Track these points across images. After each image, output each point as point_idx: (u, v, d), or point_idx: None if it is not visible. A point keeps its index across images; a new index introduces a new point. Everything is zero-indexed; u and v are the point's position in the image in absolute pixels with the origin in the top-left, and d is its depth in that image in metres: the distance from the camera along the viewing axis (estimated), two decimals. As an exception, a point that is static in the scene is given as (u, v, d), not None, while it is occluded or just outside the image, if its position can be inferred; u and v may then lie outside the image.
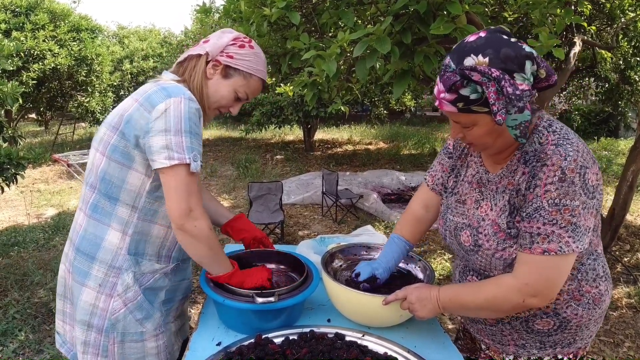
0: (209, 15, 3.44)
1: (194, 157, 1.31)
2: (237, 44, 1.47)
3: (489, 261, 1.32)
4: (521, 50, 1.13)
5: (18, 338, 3.21)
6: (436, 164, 1.59)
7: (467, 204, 1.41)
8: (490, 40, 1.13)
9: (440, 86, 1.17)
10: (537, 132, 1.26)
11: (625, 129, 13.45)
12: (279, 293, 1.43)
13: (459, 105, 1.16)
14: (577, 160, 1.15)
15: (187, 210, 1.31)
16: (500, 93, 1.09)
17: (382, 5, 2.21)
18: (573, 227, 1.15)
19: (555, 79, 1.18)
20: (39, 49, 9.28)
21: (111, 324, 1.42)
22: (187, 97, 1.33)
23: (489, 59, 1.11)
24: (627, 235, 5.43)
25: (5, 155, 3.61)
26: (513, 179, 1.27)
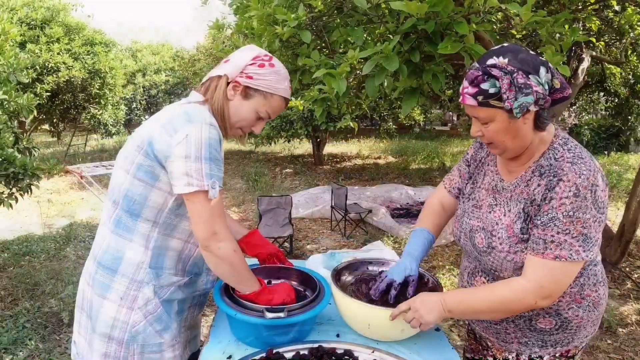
0: (221, 31, 3.50)
1: (212, 184, 1.34)
2: (257, 64, 1.47)
3: (500, 262, 1.40)
4: (537, 59, 1.27)
5: (28, 347, 3.24)
6: (455, 170, 1.71)
7: (482, 209, 1.50)
8: (511, 47, 1.28)
9: (465, 82, 1.30)
10: (552, 148, 1.37)
11: (635, 143, 13.37)
12: (290, 309, 1.45)
13: (479, 98, 1.27)
14: (590, 178, 1.26)
15: (211, 233, 1.36)
16: (512, 84, 1.21)
17: (390, 25, 2.25)
18: (584, 238, 1.26)
19: (570, 92, 1.29)
20: (53, 62, 9.45)
21: (132, 336, 1.45)
22: (208, 124, 1.35)
23: (508, 59, 1.25)
24: (637, 252, 5.38)
25: (20, 165, 3.67)
26: (528, 188, 1.37)
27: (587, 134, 13.21)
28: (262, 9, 2.53)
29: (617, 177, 9.33)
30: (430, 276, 1.67)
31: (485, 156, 1.59)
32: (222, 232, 1.37)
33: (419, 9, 1.87)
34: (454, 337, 3.47)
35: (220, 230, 1.37)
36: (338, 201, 6.24)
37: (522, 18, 1.98)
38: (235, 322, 1.47)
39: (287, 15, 2.36)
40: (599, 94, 9.67)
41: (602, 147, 13.08)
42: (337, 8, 2.73)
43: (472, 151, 1.65)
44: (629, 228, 4.58)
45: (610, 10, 5.06)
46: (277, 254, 1.82)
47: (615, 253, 4.65)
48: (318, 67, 2.41)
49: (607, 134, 13.22)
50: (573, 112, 14.22)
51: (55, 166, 3.92)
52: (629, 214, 4.56)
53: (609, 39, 5.73)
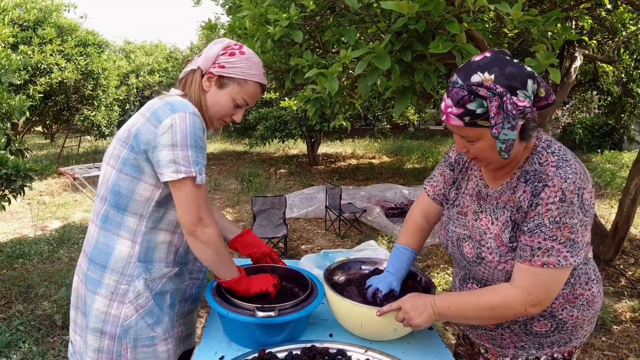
0: (214, 31, 3.50)
1: (200, 170, 1.38)
2: (227, 53, 1.50)
3: (491, 272, 1.38)
4: (524, 69, 1.21)
5: (22, 350, 3.22)
6: (437, 174, 1.64)
7: (467, 216, 1.47)
8: (496, 60, 1.22)
9: (448, 101, 1.23)
10: (536, 152, 1.33)
11: (628, 141, 13.41)
12: (282, 308, 1.45)
13: (465, 119, 1.22)
14: (576, 182, 1.23)
15: (197, 219, 1.39)
16: (500, 108, 1.16)
17: (382, 24, 2.25)
18: (571, 243, 1.23)
19: (554, 98, 1.25)
20: (46, 63, 9.39)
21: (124, 330, 1.46)
22: (191, 112, 1.38)
23: (494, 76, 1.19)
24: (631, 249, 5.41)
25: (12, 167, 3.65)
26: (513, 196, 1.34)
27: (581, 132, 13.26)
28: (255, 9, 2.53)
29: (610, 175, 9.39)
30: (423, 275, 1.67)
31: (468, 160, 1.54)
32: (207, 218, 1.41)
33: (410, 9, 1.86)
34: (448, 336, 3.47)
35: (206, 216, 1.41)
36: (332, 201, 6.24)
37: (513, 17, 1.98)
38: (227, 321, 1.47)
39: (279, 15, 2.36)
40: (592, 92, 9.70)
41: (596, 145, 13.14)
42: (329, 8, 2.73)
43: (454, 154, 1.60)
44: (622, 226, 4.61)
45: (602, 9, 5.08)
46: (270, 253, 1.82)
47: (609, 251, 4.67)
48: (310, 67, 2.40)
49: (600, 133, 13.27)
50: (566, 111, 14.28)
51: (47, 167, 3.91)
52: (622, 211, 4.58)
53: (602, 37, 5.75)
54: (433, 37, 2.06)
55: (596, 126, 13.33)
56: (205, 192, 1.43)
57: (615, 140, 13.27)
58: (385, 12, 2.26)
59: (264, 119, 10.82)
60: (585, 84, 8.14)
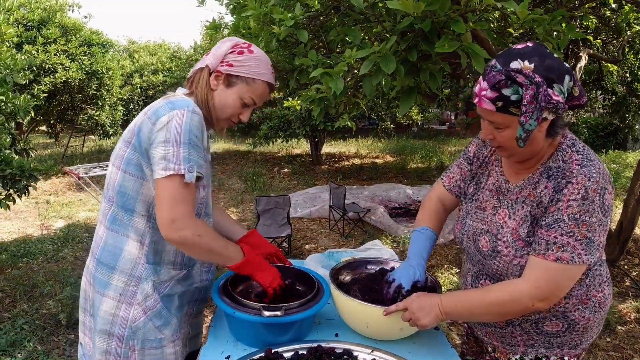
0: (218, 31, 3.50)
1: (190, 167, 1.34)
2: (236, 51, 1.49)
3: (506, 267, 1.37)
4: (563, 64, 1.22)
5: (26, 349, 3.23)
6: (455, 167, 1.65)
7: (486, 211, 1.47)
8: (537, 50, 1.22)
9: (484, 84, 1.23)
10: (560, 150, 1.34)
11: (633, 141, 13.38)
12: (288, 307, 1.45)
13: (498, 104, 1.22)
14: (599, 181, 1.24)
15: (169, 221, 1.33)
16: (534, 98, 1.16)
17: (387, 24, 2.25)
18: (587, 242, 1.24)
19: (585, 100, 1.27)
20: (50, 63, 9.41)
21: (132, 332, 1.45)
22: (191, 110, 1.37)
23: (534, 65, 1.20)
24: (635, 249, 5.39)
25: (17, 166, 3.67)
26: (534, 191, 1.34)
27: (585, 132, 13.20)
28: (259, 8, 2.53)
29: (615, 176, 9.36)
30: (429, 275, 1.67)
31: (489, 155, 1.54)
32: (183, 220, 1.34)
33: (416, 8, 1.86)
34: (453, 337, 3.47)
35: (182, 218, 1.34)
36: (336, 201, 6.24)
37: (518, 16, 1.98)
38: (234, 321, 1.48)
39: (284, 15, 2.36)
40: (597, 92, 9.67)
41: (600, 145, 13.09)
42: (334, 7, 2.73)
43: (473, 149, 1.60)
44: (627, 226, 4.60)
45: (607, 8, 5.06)
46: (277, 253, 1.81)
47: (614, 251, 4.66)
48: (315, 67, 2.40)
49: (604, 132, 13.22)
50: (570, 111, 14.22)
51: (52, 167, 3.92)
52: (627, 212, 4.57)
53: (606, 37, 5.73)
54: (438, 37, 2.06)
55: (600, 126, 13.29)
56: (192, 191, 1.37)
57: (620, 140, 13.22)
58: (390, 12, 2.26)
59: (268, 118, 10.81)
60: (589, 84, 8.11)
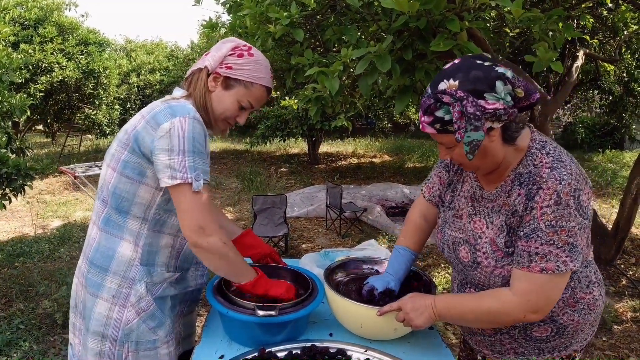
0: (215, 30, 3.49)
1: (197, 176, 1.33)
2: (236, 54, 1.48)
3: (487, 277, 1.36)
4: (491, 71, 1.19)
5: (22, 348, 3.22)
6: (433, 176, 1.63)
7: (463, 219, 1.45)
8: (462, 65, 1.22)
9: (420, 110, 1.26)
10: (530, 154, 1.30)
11: (630, 141, 13.41)
12: (282, 307, 1.44)
13: (436, 126, 1.23)
14: (572, 183, 1.20)
15: (198, 228, 1.34)
16: (462, 113, 1.15)
17: (383, 23, 2.25)
18: (570, 247, 1.21)
19: (537, 97, 1.23)
20: (47, 62, 9.40)
21: (125, 334, 1.44)
22: (192, 117, 1.35)
23: (458, 82, 1.19)
24: (632, 249, 5.40)
25: (13, 166, 3.65)
26: (508, 199, 1.31)
27: (582, 132, 13.25)
28: (255, 7, 2.52)
29: (611, 175, 9.37)
30: (424, 274, 1.67)
31: None
32: (208, 226, 1.36)
33: (411, 7, 1.86)
34: (448, 336, 3.47)
35: (207, 224, 1.36)
36: (333, 200, 6.24)
37: (514, 15, 1.97)
38: (228, 320, 1.47)
39: (280, 14, 2.35)
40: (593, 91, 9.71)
41: (597, 144, 13.13)
42: (330, 6, 2.73)
43: None
44: (623, 225, 4.61)
45: (604, 8, 5.07)
46: (271, 254, 1.81)
47: (610, 250, 4.67)
48: (311, 66, 2.40)
49: (601, 132, 13.26)
50: (568, 110, 14.26)
51: (48, 166, 3.91)
52: (624, 211, 4.58)
53: (603, 36, 5.75)
54: (434, 36, 2.06)
55: (597, 125, 13.33)
56: (207, 198, 1.38)
57: (617, 140, 13.26)
58: (386, 11, 2.26)
59: (265, 118, 10.82)
60: (586, 83, 8.14)
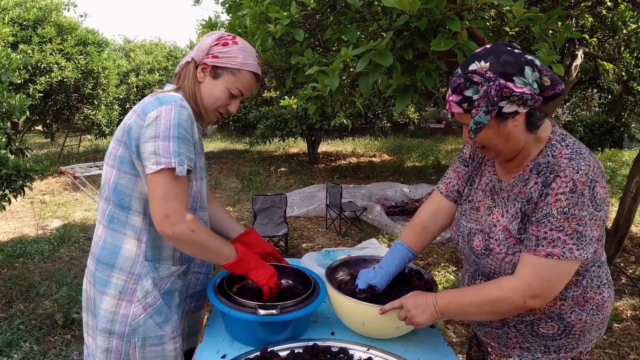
0: (214, 30, 3.50)
1: (180, 161, 1.34)
2: (221, 43, 1.50)
3: (499, 265, 1.36)
4: (521, 57, 1.22)
5: (23, 349, 3.22)
6: (451, 171, 1.63)
7: (480, 211, 1.46)
8: (493, 49, 1.25)
9: (449, 90, 1.27)
10: (550, 145, 1.33)
11: (629, 139, 13.43)
12: (284, 306, 1.44)
13: (464, 105, 1.25)
14: (589, 174, 1.22)
15: (163, 217, 1.34)
16: (487, 93, 1.18)
17: (383, 22, 2.25)
18: (578, 236, 1.21)
19: (562, 87, 1.25)
20: (46, 62, 9.39)
21: (132, 329, 1.45)
22: (179, 105, 1.37)
23: (489, 63, 1.22)
24: (632, 247, 5.41)
25: (13, 167, 3.65)
26: (525, 187, 1.33)
27: (581, 130, 13.27)
28: (255, 7, 2.53)
29: (611, 174, 9.38)
30: (425, 273, 1.67)
31: (483, 156, 1.54)
32: (176, 215, 1.35)
33: (412, 6, 1.86)
34: (449, 334, 3.47)
35: (175, 213, 1.35)
36: (333, 199, 6.24)
37: (514, 15, 1.98)
38: (230, 319, 1.47)
39: (280, 14, 2.35)
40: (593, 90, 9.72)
41: (596, 143, 13.14)
42: (330, 6, 2.73)
43: (468, 151, 1.60)
44: (623, 224, 4.61)
45: (603, 7, 5.08)
46: (274, 253, 1.81)
47: (610, 249, 4.67)
48: (311, 65, 2.40)
49: (600, 131, 13.28)
50: (567, 109, 14.27)
51: (48, 167, 3.90)
52: (623, 209, 4.58)
53: (602, 35, 5.75)
54: (434, 35, 2.06)
55: (597, 124, 13.34)
56: (183, 185, 1.39)
57: (616, 138, 13.28)
58: (386, 10, 2.26)
59: (264, 117, 10.82)
60: (585, 82, 8.14)
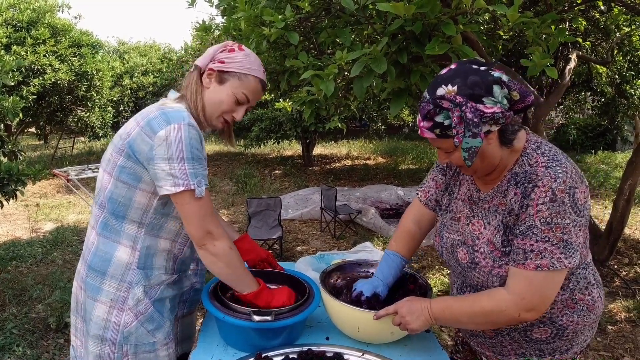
0: (209, 32, 3.49)
1: (198, 182, 1.36)
2: (227, 50, 1.51)
3: (486, 278, 1.36)
4: (488, 76, 1.21)
5: (16, 353, 3.20)
6: (429, 180, 1.63)
7: (460, 221, 1.46)
8: (459, 71, 1.24)
9: (419, 116, 1.27)
10: (525, 154, 1.32)
11: (622, 142, 13.51)
12: (278, 312, 1.44)
13: (436, 131, 1.25)
14: (567, 181, 1.21)
15: (205, 232, 1.39)
16: (462, 118, 1.17)
17: (378, 26, 2.25)
18: (564, 244, 1.21)
19: (532, 99, 1.25)
20: (39, 64, 9.34)
21: (124, 337, 1.45)
22: (187, 123, 1.36)
23: (457, 87, 1.21)
24: (625, 249, 5.44)
25: (5, 170, 3.63)
26: (505, 199, 1.33)
27: (574, 133, 13.32)
28: (250, 10, 2.52)
29: (604, 176, 9.42)
30: (420, 277, 1.67)
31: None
32: (216, 231, 1.40)
33: (406, 10, 1.86)
34: (444, 338, 3.47)
35: (214, 228, 1.40)
36: (328, 202, 6.24)
37: (509, 19, 1.98)
38: (224, 325, 1.47)
39: (275, 17, 2.35)
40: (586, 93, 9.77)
41: (589, 146, 13.20)
42: (324, 9, 2.73)
43: None
44: (616, 226, 4.63)
45: (596, 11, 5.11)
46: (268, 258, 1.81)
47: (604, 251, 4.69)
48: (306, 69, 2.40)
49: (594, 133, 13.34)
50: (560, 112, 14.34)
51: (40, 171, 3.87)
52: (617, 212, 4.61)
53: (595, 39, 5.78)
54: (429, 39, 2.06)
55: (590, 127, 13.40)
56: (209, 203, 1.41)
57: (609, 141, 13.34)
58: (381, 14, 2.26)
59: (259, 120, 10.80)
60: (579, 85, 8.19)
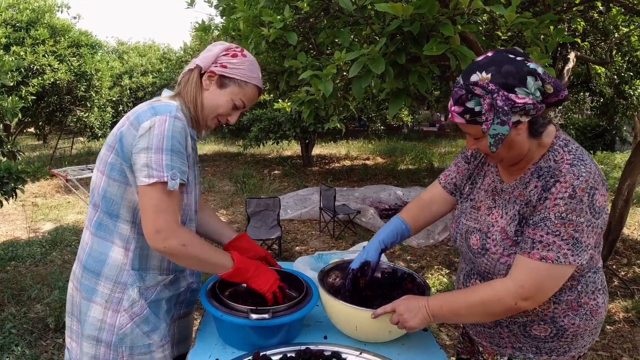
0: (208, 32, 3.49)
1: (173, 175, 1.33)
2: (230, 54, 1.50)
3: (493, 265, 1.38)
4: (523, 67, 1.22)
5: (14, 353, 3.20)
6: (452, 165, 1.68)
7: (480, 210, 1.48)
8: (495, 59, 1.25)
9: (451, 100, 1.28)
10: (552, 150, 1.34)
11: (621, 142, 13.53)
12: (276, 310, 1.44)
13: (466, 116, 1.26)
14: (589, 181, 1.22)
15: (154, 231, 1.33)
16: (492, 106, 1.18)
17: (376, 26, 2.26)
18: (574, 242, 1.22)
19: (566, 94, 1.26)
20: (38, 64, 9.33)
21: (119, 338, 1.44)
22: (173, 116, 1.35)
23: (491, 75, 1.22)
24: (624, 249, 5.45)
25: (4, 169, 3.63)
26: (525, 190, 1.35)
27: (573, 133, 13.31)
28: (249, 10, 2.52)
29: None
30: (418, 276, 1.68)
31: (486, 156, 1.56)
32: (167, 230, 1.33)
33: (405, 11, 1.87)
34: (442, 337, 3.48)
35: (166, 228, 1.33)
36: (327, 202, 6.24)
37: (507, 19, 1.99)
38: (222, 324, 1.47)
39: (273, 17, 2.35)
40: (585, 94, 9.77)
41: (588, 146, 13.18)
42: (323, 9, 2.74)
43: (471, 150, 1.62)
44: (615, 226, 4.64)
45: (595, 11, 5.11)
46: (267, 257, 1.81)
47: (603, 251, 4.68)
48: (305, 69, 2.40)
49: (592, 134, 13.33)
50: (559, 112, 14.35)
51: (39, 169, 3.87)
52: (615, 212, 4.61)
53: (594, 39, 5.79)
54: (427, 39, 2.07)
55: (588, 127, 13.40)
56: (174, 201, 1.36)
57: (608, 142, 13.34)
58: (379, 14, 2.26)
59: (258, 120, 10.81)
60: (577, 86, 8.19)
